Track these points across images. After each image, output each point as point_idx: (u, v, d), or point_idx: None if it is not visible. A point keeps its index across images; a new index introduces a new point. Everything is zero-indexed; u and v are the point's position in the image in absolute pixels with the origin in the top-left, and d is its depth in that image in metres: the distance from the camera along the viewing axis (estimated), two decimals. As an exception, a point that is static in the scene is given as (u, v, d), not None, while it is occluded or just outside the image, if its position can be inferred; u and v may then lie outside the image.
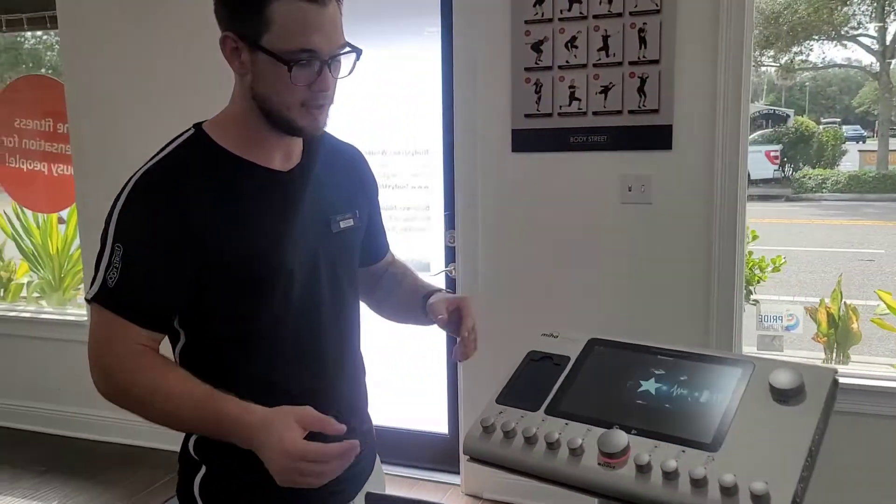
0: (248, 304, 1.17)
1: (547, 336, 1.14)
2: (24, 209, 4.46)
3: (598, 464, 0.91)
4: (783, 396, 0.91)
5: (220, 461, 1.21)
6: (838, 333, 2.87)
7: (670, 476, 0.86)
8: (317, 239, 1.23)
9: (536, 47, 2.70)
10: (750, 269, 3.00)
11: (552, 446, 0.95)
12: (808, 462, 0.85)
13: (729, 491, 0.83)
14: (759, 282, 3.06)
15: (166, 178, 1.14)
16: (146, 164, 1.16)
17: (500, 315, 2.72)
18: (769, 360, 0.97)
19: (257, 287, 1.17)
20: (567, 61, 2.67)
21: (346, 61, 1.16)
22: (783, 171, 14.62)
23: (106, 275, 1.11)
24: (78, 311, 3.98)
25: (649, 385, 1.00)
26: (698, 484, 0.85)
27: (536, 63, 2.71)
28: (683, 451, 0.89)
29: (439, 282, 3.07)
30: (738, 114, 2.52)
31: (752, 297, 3.09)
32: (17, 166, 3.92)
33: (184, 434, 1.24)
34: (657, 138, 2.61)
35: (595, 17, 2.62)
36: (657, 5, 2.55)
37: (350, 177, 1.34)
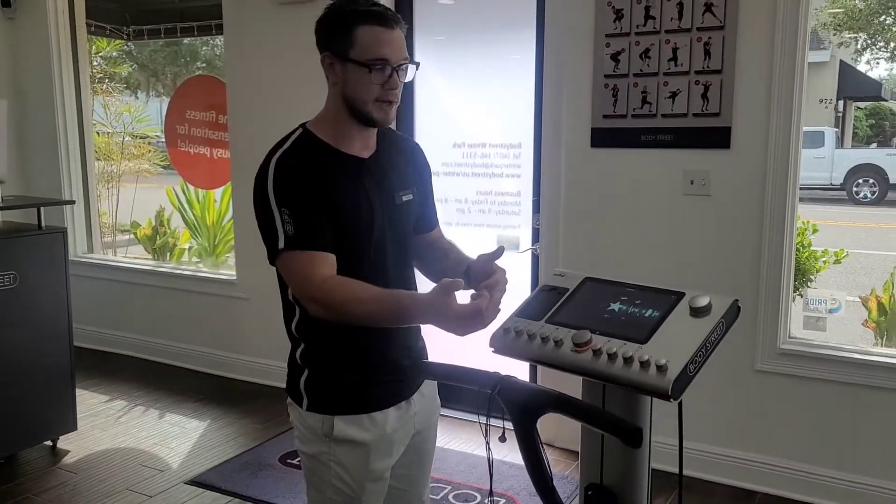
0: (342, 256, 1.54)
1: (557, 275, 1.63)
2: (188, 185, 5.32)
3: (570, 351, 1.40)
4: (695, 312, 1.36)
5: (318, 366, 1.63)
6: (888, 320, 3.11)
7: (612, 357, 1.34)
8: (387, 208, 1.62)
9: (615, 57, 3.13)
10: (806, 258, 3.29)
11: (545, 341, 1.44)
12: (700, 351, 1.30)
13: (644, 365, 1.29)
14: (818, 271, 3.34)
15: (296, 160, 1.55)
16: (276, 152, 1.55)
17: (573, 287, 3.17)
18: (696, 292, 1.41)
19: (350, 243, 1.55)
20: (641, 70, 3.08)
21: (409, 71, 1.56)
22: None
23: (284, 229, 1.48)
24: (228, 271, 4.72)
25: (615, 306, 1.47)
26: (628, 362, 1.32)
27: (614, 71, 3.14)
28: (625, 344, 1.36)
29: (525, 259, 3.56)
30: (789, 119, 2.86)
31: (812, 284, 3.37)
32: (185, 150, 4.74)
33: (290, 346, 1.68)
34: (717, 138, 2.98)
35: (666, 31, 3.02)
36: (721, 22, 2.92)
37: (409, 163, 1.73)
